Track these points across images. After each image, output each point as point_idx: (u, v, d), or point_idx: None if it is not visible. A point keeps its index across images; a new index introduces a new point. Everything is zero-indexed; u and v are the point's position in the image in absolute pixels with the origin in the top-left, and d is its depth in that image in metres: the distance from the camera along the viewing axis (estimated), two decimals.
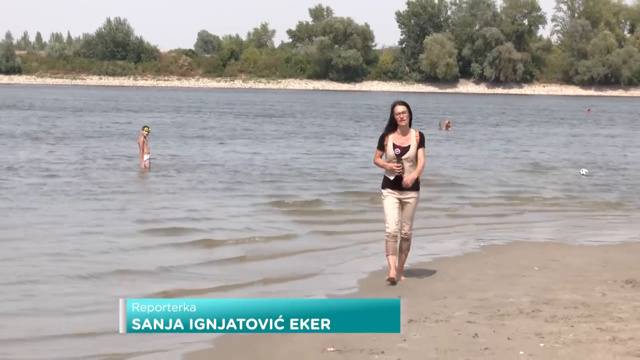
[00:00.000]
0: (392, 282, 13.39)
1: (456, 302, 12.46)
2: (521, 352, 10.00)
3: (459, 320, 11.43)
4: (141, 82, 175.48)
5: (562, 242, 18.61)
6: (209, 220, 20.41)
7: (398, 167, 13.14)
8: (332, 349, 10.29)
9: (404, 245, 13.74)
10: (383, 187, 13.51)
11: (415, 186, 13.38)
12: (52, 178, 27.83)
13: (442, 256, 16.58)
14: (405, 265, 13.78)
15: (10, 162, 32.27)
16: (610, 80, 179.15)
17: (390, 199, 13.37)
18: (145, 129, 31.69)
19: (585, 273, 14.67)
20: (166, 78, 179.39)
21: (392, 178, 13.30)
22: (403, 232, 13.56)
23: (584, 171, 33.80)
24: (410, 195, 13.38)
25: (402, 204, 13.42)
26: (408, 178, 13.17)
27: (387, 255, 13.59)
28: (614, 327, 11.00)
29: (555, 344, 10.31)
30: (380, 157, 13.40)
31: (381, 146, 13.32)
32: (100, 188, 25.78)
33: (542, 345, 10.28)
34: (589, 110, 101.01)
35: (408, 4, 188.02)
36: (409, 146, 13.18)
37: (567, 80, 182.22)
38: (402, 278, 13.80)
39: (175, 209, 22.13)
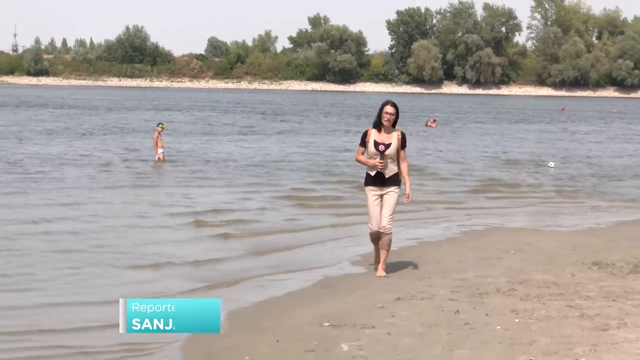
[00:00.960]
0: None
1: (440, 282, 12.47)
2: (498, 327, 10.00)
3: (442, 298, 11.43)
4: (156, 84, 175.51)
5: (535, 228, 18.61)
6: (222, 212, 19.80)
7: (381, 163, 12.41)
8: (327, 324, 10.28)
9: (384, 240, 12.67)
10: (366, 185, 12.75)
11: (396, 182, 12.59)
12: (81, 170, 27.84)
13: (427, 240, 16.57)
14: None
15: (38, 156, 32.27)
16: (579, 82, 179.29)
17: (372, 196, 12.62)
18: (160, 125, 31.66)
19: (556, 256, 14.68)
20: (179, 80, 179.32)
21: (372, 174, 12.56)
22: (382, 225, 12.56)
23: (551, 164, 33.78)
24: (391, 189, 12.56)
25: (383, 198, 12.60)
26: (408, 194, 12.69)
27: (373, 245, 13.09)
28: (582, 304, 11.01)
29: (529, 320, 10.32)
30: (362, 153, 12.67)
31: (363, 143, 12.60)
32: (121, 179, 25.78)
33: (517, 320, 10.29)
34: (563, 109, 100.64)
35: (397, 13, 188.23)
36: (390, 144, 12.43)
37: (541, 82, 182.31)
38: (383, 274, 12.76)
39: (188, 199, 22.04)
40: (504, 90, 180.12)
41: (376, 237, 12.74)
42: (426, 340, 9.58)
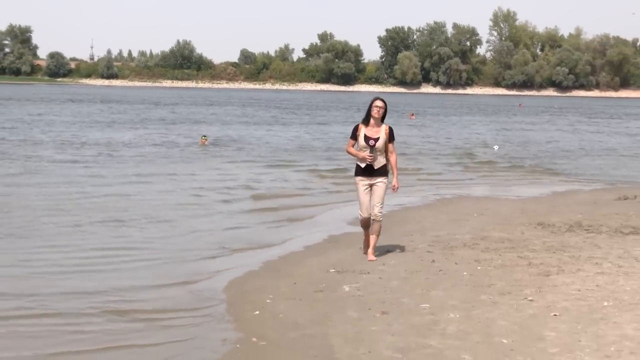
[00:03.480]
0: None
1: (419, 238, 12.44)
2: (465, 273, 9.98)
3: (421, 251, 11.41)
4: (201, 85, 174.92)
5: (492, 196, 18.59)
6: (256, 184, 19.85)
7: (370, 156, 10.58)
8: (332, 270, 10.27)
9: (375, 226, 10.85)
10: (356, 175, 10.84)
11: (384, 173, 10.74)
12: (145, 150, 27.83)
13: (409, 206, 16.54)
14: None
15: (115, 141, 32.28)
16: (527, 84, 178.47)
17: (362, 186, 10.75)
18: (204, 137, 31.23)
19: (509, 218, 14.65)
20: (218, 82, 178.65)
21: (363, 166, 10.69)
22: (374, 213, 10.75)
23: (496, 147, 33.62)
24: (380, 180, 10.70)
25: (372, 187, 10.74)
26: (395, 185, 10.80)
27: (364, 230, 11.11)
28: (529, 255, 10.99)
29: (488, 267, 10.30)
30: (353, 146, 10.78)
31: (354, 136, 10.74)
32: (174, 159, 25.76)
33: (479, 268, 10.27)
34: (520, 105, 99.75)
35: (386, 30, 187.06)
36: (378, 137, 10.59)
37: (497, 84, 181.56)
38: (374, 258, 10.85)
39: (229, 175, 21.99)
40: (469, 91, 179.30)
41: (366, 223, 10.93)
42: (409, 283, 9.57)
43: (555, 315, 8.08)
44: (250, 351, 7.29)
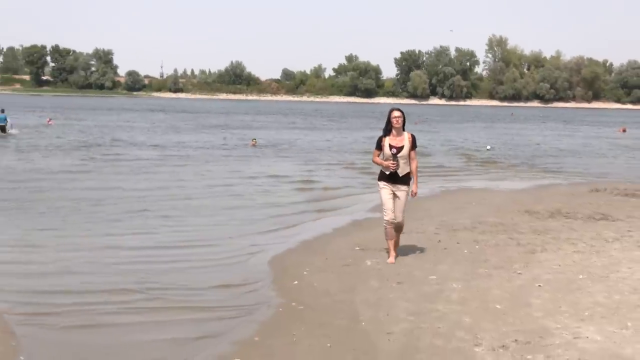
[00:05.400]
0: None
1: (428, 222, 12.40)
2: (465, 251, 9.95)
3: (430, 233, 11.38)
4: (249, 98, 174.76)
5: (487, 188, 18.43)
6: (295, 176, 19.97)
7: (394, 164, 9.20)
8: (357, 248, 10.26)
9: (398, 230, 9.54)
10: (379, 180, 9.48)
11: (407, 181, 9.39)
12: (208, 151, 27.93)
13: (419, 196, 16.23)
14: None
15: (183, 142, 32.46)
16: (516, 97, 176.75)
17: (385, 190, 9.38)
18: (253, 140, 31.30)
19: (502, 206, 14.54)
20: (264, 95, 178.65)
21: (387, 173, 9.34)
22: (397, 220, 9.39)
23: (488, 147, 33.28)
24: (402, 188, 9.36)
25: (395, 195, 9.37)
26: (413, 191, 9.45)
27: (387, 240, 9.59)
28: (518, 237, 10.93)
29: (485, 246, 10.25)
30: (378, 156, 9.38)
31: (379, 147, 9.38)
32: (233, 156, 25.81)
33: (477, 247, 10.22)
34: (512, 114, 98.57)
35: (401, 53, 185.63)
36: (402, 146, 9.25)
37: (491, 97, 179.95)
38: (394, 261, 9.43)
39: (275, 169, 22.00)
40: (468, 102, 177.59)
41: (392, 225, 9.45)
42: (420, 259, 9.55)
43: (539, 285, 8.03)
44: (290, 313, 7.33)
